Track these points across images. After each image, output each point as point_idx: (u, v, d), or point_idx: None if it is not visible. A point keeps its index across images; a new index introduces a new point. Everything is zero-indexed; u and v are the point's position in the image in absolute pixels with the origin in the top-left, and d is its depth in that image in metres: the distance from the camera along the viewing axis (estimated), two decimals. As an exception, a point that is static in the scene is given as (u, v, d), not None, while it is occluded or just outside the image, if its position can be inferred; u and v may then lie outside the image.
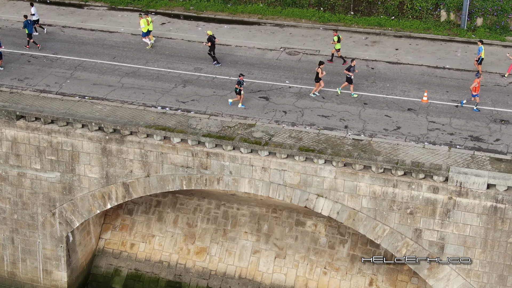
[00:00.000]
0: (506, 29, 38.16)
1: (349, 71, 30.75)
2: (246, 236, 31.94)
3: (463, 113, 29.80)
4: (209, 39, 34.33)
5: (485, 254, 25.14)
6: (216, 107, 30.49)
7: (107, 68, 34.47)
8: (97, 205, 29.38)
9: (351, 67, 30.78)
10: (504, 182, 24.09)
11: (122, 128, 27.93)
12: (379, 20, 39.73)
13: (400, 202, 25.41)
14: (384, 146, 27.00)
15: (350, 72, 30.73)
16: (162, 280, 32.21)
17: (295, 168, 26.42)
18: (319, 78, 30.75)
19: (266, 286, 31.09)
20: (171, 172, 27.85)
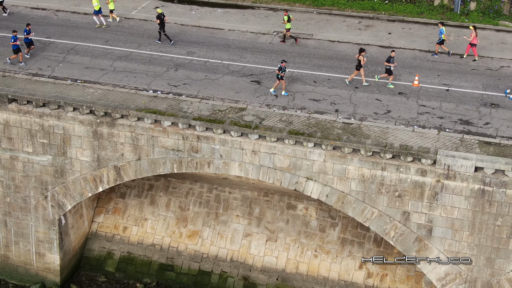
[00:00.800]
0: (499, 13, 38.16)
1: (388, 62, 30.23)
2: (237, 219, 32.12)
3: (453, 96, 29.89)
4: (158, 16, 34.82)
5: (472, 237, 25.30)
6: (208, 91, 30.56)
7: (100, 52, 34.49)
8: (89, 188, 29.52)
9: (390, 58, 30.21)
10: (491, 165, 24.21)
11: (113, 112, 28.01)
12: (372, 4, 39.72)
13: (389, 185, 25.54)
14: (373, 129, 27.08)
15: (390, 63, 30.21)
16: (155, 263, 32.42)
17: (284, 151, 26.52)
18: (360, 66, 30.24)
19: (258, 268, 31.29)
20: (162, 155, 27.96)
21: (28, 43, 33.25)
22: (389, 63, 30.34)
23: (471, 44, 32.86)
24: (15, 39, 32.28)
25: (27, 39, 33.17)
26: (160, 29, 34.89)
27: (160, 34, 35.06)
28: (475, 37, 32.77)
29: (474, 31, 32.78)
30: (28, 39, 33.18)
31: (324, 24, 37.90)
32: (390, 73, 30.54)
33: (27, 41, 33.25)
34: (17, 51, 32.53)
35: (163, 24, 34.77)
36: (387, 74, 30.62)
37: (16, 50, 32.50)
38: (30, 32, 33.30)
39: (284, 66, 29.58)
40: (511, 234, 24.88)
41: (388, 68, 30.46)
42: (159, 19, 34.70)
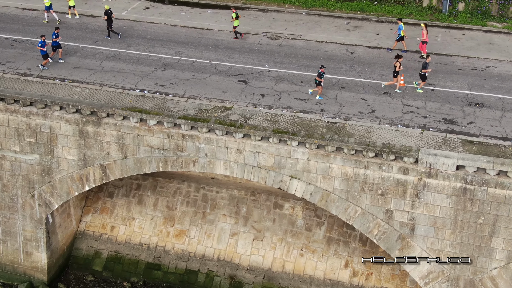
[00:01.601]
0: (487, 14, 38.34)
1: (425, 69, 29.75)
2: (225, 218, 32.25)
3: (438, 96, 30.05)
4: (105, 13, 35.54)
5: (455, 235, 25.44)
6: (195, 90, 30.72)
7: (88, 52, 34.65)
8: (75, 187, 29.65)
9: (426, 64, 29.75)
10: (473, 163, 24.35)
11: (99, 110, 28.16)
12: (361, 5, 39.90)
13: (371, 183, 25.68)
14: (358, 128, 27.23)
15: (426, 70, 29.77)
16: (142, 262, 32.54)
17: (269, 150, 26.67)
18: (396, 73, 29.83)
19: (244, 268, 31.41)
20: (148, 154, 28.11)
21: (56, 47, 33.08)
22: (425, 69, 29.78)
23: (423, 42, 33.14)
24: (43, 44, 32.10)
25: (55, 42, 32.97)
26: (108, 25, 35.69)
27: (108, 30, 35.83)
28: (426, 34, 32.95)
29: (425, 29, 33.05)
30: (56, 43, 32.96)
31: (313, 25, 38.07)
32: (424, 78, 30.07)
33: (55, 45, 33.04)
34: (46, 56, 32.39)
35: (110, 20, 35.58)
36: (421, 80, 30.18)
37: (45, 55, 32.36)
38: (58, 36, 33.15)
39: (323, 72, 29.31)
40: (493, 233, 24.99)
41: (423, 74, 29.97)
42: (106, 16, 35.48)
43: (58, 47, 33.27)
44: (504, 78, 31.60)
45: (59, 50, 33.30)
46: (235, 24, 35.78)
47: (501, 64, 33.11)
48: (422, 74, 30.00)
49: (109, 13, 35.53)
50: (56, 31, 33.21)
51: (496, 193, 24.39)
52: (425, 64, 29.92)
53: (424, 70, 29.91)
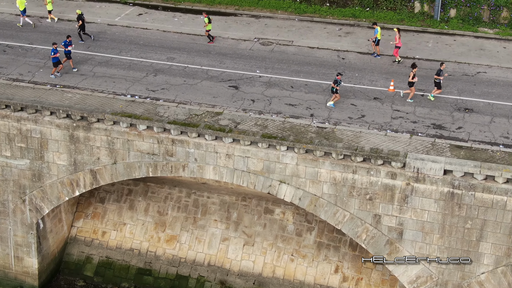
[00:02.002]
0: (479, 20, 38.50)
1: (438, 75, 29.62)
2: (215, 224, 32.30)
3: (428, 101, 30.13)
4: (78, 17, 36.13)
5: (443, 240, 25.49)
6: (186, 96, 30.83)
7: (81, 58, 34.78)
8: (66, 192, 29.71)
9: (440, 71, 29.60)
10: (460, 168, 24.44)
11: (89, 115, 28.26)
12: (354, 11, 40.07)
13: (360, 188, 25.75)
14: (347, 133, 27.32)
15: (440, 76, 29.62)
16: (133, 267, 32.57)
17: (258, 155, 26.75)
18: (412, 82, 29.59)
19: (235, 273, 31.44)
20: (138, 159, 28.18)
21: (68, 55, 32.87)
22: (439, 76, 29.64)
23: (396, 47, 33.47)
24: (55, 52, 31.93)
25: (67, 51, 32.81)
26: (80, 29, 36.17)
27: (80, 35, 36.35)
28: (399, 39, 33.23)
29: (398, 33, 33.31)
30: (68, 51, 32.80)
31: (305, 31, 38.24)
32: (439, 86, 29.89)
33: (67, 53, 32.85)
34: (57, 63, 32.18)
35: (83, 24, 36.27)
36: (437, 88, 29.97)
37: (56, 63, 32.13)
38: (71, 44, 33.05)
39: (340, 79, 29.17)
40: (480, 237, 25.04)
41: (438, 82, 29.78)
42: (80, 20, 36.19)
43: (69, 57, 33.09)
44: (494, 83, 31.72)
45: (69, 60, 33.12)
46: (208, 28, 36.22)
47: (491, 69, 33.24)
48: (436, 81, 29.78)
49: (82, 17, 36.22)
50: (67, 39, 33.01)
51: (484, 198, 24.47)
52: (439, 71, 29.75)
53: (437, 76, 29.73)
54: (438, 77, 29.78)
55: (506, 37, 37.18)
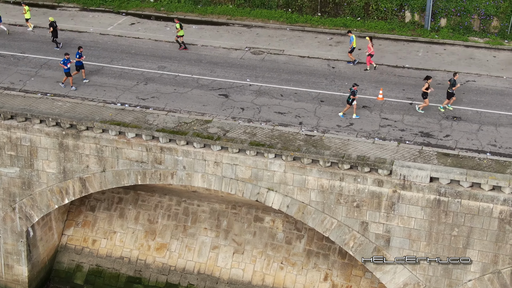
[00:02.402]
0: (469, 29, 38.69)
1: (452, 86, 29.53)
2: (205, 232, 32.34)
3: (416, 110, 30.23)
4: (50, 24, 36.68)
5: (430, 247, 25.54)
6: (176, 104, 30.96)
7: (72, 67, 34.80)
8: (55, 200, 29.78)
9: (454, 81, 29.53)
10: (446, 175, 24.53)
11: (78, 123, 28.37)
12: (344, 21, 40.27)
13: (347, 195, 25.84)
14: (335, 141, 27.44)
15: (453, 86, 29.55)
16: (123, 275, 32.58)
17: (246, 162, 26.84)
18: (426, 94, 29.40)
19: (224, 281, 31.45)
20: (126, 167, 28.27)
21: (79, 66, 32.76)
22: (453, 86, 29.50)
23: (369, 55, 33.81)
24: (66, 62, 31.88)
25: (78, 62, 32.73)
26: (53, 36, 36.68)
27: (55, 41, 36.87)
28: (371, 47, 33.60)
29: (370, 41, 33.56)
30: (79, 63, 32.72)
31: (296, 40, 38.42)
32: (451, 96, 29.79)
33: (79, 64, 32.75)
34: (68, 74, 32.08)
35: (55, 31, 36.74)
36: (448, 98, 29.92)
37: (68, 73, 32.06)
38: (82, 56, 32.92)
39: (356, 90, 29.05)
40: (467, 245, 25.10)
41: (451, 92, 29.69)
42: (52, 27, 36.55)
43: (81, 67, 32.89)
44: (482, 92, 31.87)
45: (82, 70, 33.00)
46: (180, 34, 36.56)
47: (480, 78, 33.41)
48: (450, 92, 29.74)
49: (54, 24, 36.66)
50: (79, 51, 32.88)
51: (470, 205, 24.55)
52: (453, 81, 29.71)
53: (453, 87, 29.65)
54: (453, 88, 29.68)
55: (496, 46, 37.37)
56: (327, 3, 41.06)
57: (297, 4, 41.60)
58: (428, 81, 29.46)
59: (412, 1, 39.29)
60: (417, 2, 39.23)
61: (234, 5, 42.76)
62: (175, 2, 43.50)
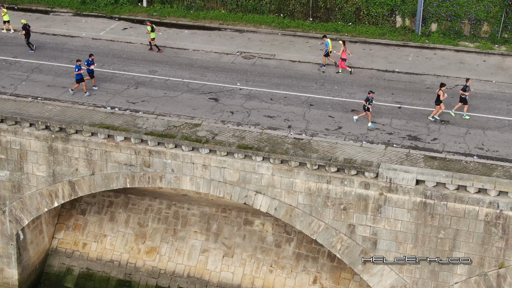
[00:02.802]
0: (459, 34, 38.90)
1: (464, 91, 29.53)
2: (195, 235, 32.42)
3: (405, 114, 30.45)
4: (23, 27, 37.08)
5: (416, 250, 25.64)
6: (165, 108, 31.10)
7: (63, 71, 35.12)
8: (45, 203, 29.87)
9: (466, 87, 29.52)
10: (432, 178, 24.65)
11: (67, 127, 28.49)
12: (336, 26, 40.47)
13: (334, 198, 25.95)
14: (323, 144, 27.57)
15: (466, 92, 29.53)
16: (113, 279, 32.63)
17: (234, 165, 26.95)
18: (440, 101, 29.18)
19: (214, 284, 31.52)
20: (115, 170, 28.37)
21: (90, 74, 32.69)
22: (465, 91, 29.55)
23: (342, 59, 34.08)
24: (79, 68, 31.73)
25: (89, 69, 32.63)
26: (26, 38, 37.12)
27: (29, 44, 37.24)
28: (344, 51, 33.94)
29: (343, 45, 33.94)
30: (90, 70, 32.64)
31: (288, 45, 38.62)
32: (465, 102, 29.67)
33: (89, 72, 32.67)
34: (80, 80, 31.94)
35: (28, 34, 37.23)
36: (462, 104, 29.78)
37: (79, 79, 31.94)
38: (93, 63, 32.82)
39: (372, 97, 28.95)
40: (453, 247, 25.20)
41: (464, 98, 29.65)
42: (24, 30, 37.04)
43: (92, 75, 32.83)
44: (471, 96, 31.96)
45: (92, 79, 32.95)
46: (152, 36, 37.15)
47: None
48: (462, 97, 29.72)
49: (26, 27, 37.05)
50: (90, 58, 32.78)
51: (456, 208, 24.66)
52: (465, 87, 29.66)
53: (462, 92, 29.66)
54: (464, 93, 29.66)
55: (486, 50, 37.57)
56: (319, 8, 41.27)
57: (289, 9, 41.81)
58: (442, 89, 29.20)
59: (403, 6, 39.50)
60: (407, 7, 39.43)
61: (227, 10, 42.96)
62: (168, 7, 43.70)
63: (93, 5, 44.27)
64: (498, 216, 24.38)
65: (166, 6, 43.71)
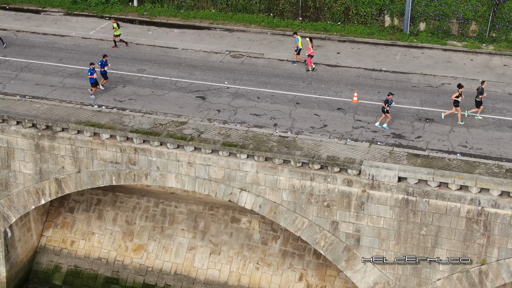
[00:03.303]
0: (448, 33, 39.08)
1: (480, 94, 29.39)
2: (183, 233, 32.58)
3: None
4: None
5: (399, 246, 25.81)
6: (152, 106, 31.27)
7: (52, 70, 35.27)
8: (32, 201, 30.02)
9: (482, 90, 29.41)
10: (414, 175, 24.82)
11: (53, 125, 28.65)
12: (325, 25, 40.66)
13: (318, 195, 26.11)
14: (307, 142, 27.74)
15: (481, 95, 29.45)
16: (101, 276, 32.79)
17: (219, 163, 27.12)
18: (457, 102, 29.17)
19: (201, 281, 31.68)
20: (101, 167, 28.53)
21: (103, 75, 32.61)
22: (481, 94, 29.44)
23: (310, 56, 34.41)
24: (92, 72, 31.61)
25: (103, 71, 32.55)
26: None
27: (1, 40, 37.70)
28: (311, 48, 34.34)
29: (311, 42, 34.35)
30: (104, 71, 32.53)
31: (276, 44, 38.79)
32: (479, 104, 29.67)
33: (103, 73, 32.62)
34: (95, 84, 31.86)
35: None
36: (477, 107, 29.71)
37: (95, 83, 31.84)
38: (107, 64, 32.68)
39: (391, 99, 28.76)
40: (435, 244, 25.37)
41: (479, 100, 29.60)
42: None
43: (105, 76, 32.74)
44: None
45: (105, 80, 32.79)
46: (117, 33, 37.46)
47: (456, 81, 33.70)
48: (478, 100, 29.70)
49: None
50: (104, 59, 32.63)
51: (438, 205, 24.83)
52: (481, 90, 29.56)
53: (480, 96, 29.61)
54: (481, 96, 29.65)
55: (474, 49, 37.77)
56: (308, 8, 41.45)
57: (279, 8, 41.99)
58: (460, 90, 29.16)
59: (392, 6, 39.70)
60: (396, 7, 39.62)
61: (217, 10, 43.15)
62: (158, 7, 43.87)
63: (84, 4, 44.43)
64: (480, 213, 24.54)
65: (157, 6, 43.89)
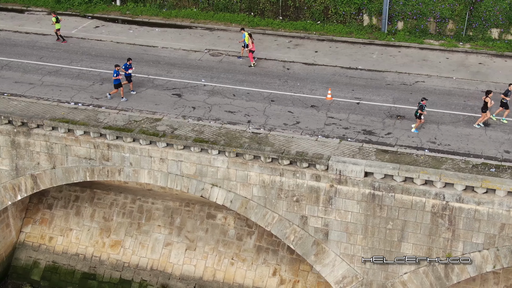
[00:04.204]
0: (425, 32, 39.51)
1: (506, 96, 29.07)
2: (159, 229, 32.95)
3: (362, 109, 31.01)
4: None
5: (366, 240, 26.20)
6: (128, 103, 31.63)
7: (32, 68, 35.62)
8: (8, 197, 30.38)
9: (508, 92, 29.04)
10: (379, 170, 25.22)
11: (29, 121, 29.02)
12: (305, 24, 41.06)
13: (287, 190, 26.50)
14: (279, 139, 28.11)
15: (507, 97, 29.07)
16: (78, 272, 33.17)
17: (191, 158, 27.50)
18: (486, 108, 28.61)
19: (176, 277, 32.05)
20: (75, 164, 28.90)
21: (128, 78, 32.37)
22: (507, 96, 29.11)
23: (251, 51, 35.28)
24: (117, 74, 31.40)
25: (127, 73, 32.32)
26: None
27: None
28: (252, 44, 35.15)
29: (250, 38, 35.24)
30: (128, 74, 32.29)
31: (256, 43, 39.06)
32: (506, 107, 29.28)
33: (127, 76, 32.36)
34: (118, 86, 31.51)
35: None
36: (503, 108, 29.40)
37: (118, 85, 31.50)
38: (131, 67, 32.39)
39: (425, 104, 28.23)
40: (402, 238, 25.76)
41: (505, 102, 29.19)
42: None
43: (129, 79, 32.53)
44: (430, 92, 32.63)
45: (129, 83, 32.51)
46: (57, 27, 38.26)
47: (430, 79, 34.17)
48: (504, 102, 29.62)
49: None
50: (128, 62, 32.34)
51: (403, 199, 25.23)
52: (507, 92, 29.20)
53: (504, 96, 29.46)
54: (505, 98, 29.55)
55: (450, 48, 38.19)
56: (288, 7, 41.86)
57: (259, 8, 42.39)
58: (489, 95, 28.83)
59: (370, 5, 40.10)
60: (374, 6, 40.04)
61: (198, 9, 43.53)
62: (140, 6, 44.26)
63: (67, 4, 44.82)
64: (445, 208, 24.94)
65: (139, 5, 44.30)
